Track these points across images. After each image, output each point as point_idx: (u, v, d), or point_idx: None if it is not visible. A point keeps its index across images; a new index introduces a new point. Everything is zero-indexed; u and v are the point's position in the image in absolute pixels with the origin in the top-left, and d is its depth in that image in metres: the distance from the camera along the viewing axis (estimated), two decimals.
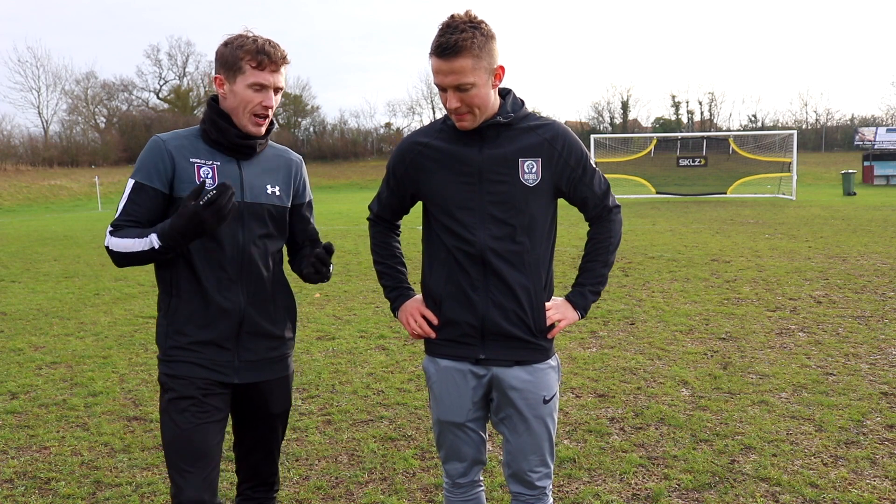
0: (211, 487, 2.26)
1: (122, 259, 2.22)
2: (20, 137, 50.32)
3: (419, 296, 2.42)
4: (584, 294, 2.39)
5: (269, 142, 2.44)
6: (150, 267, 2.35)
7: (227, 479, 3.64)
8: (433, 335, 2.34)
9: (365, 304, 8.06)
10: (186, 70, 62.92)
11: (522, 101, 2.29)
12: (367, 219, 2.54)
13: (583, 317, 2.40)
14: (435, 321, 2.33)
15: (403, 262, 2.51)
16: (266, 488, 2.60)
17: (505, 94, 2.26)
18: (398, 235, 2.54)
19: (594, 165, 2.34)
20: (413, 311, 2.37)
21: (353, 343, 6.35)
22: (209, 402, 2.28)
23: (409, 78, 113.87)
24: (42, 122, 55.09)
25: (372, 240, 2.53)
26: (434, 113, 62.02)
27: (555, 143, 2.23)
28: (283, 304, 2.45)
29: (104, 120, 58.23)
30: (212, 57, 2.31)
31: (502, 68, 2.17)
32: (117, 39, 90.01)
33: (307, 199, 2.54)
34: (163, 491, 3.52)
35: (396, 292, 2.45)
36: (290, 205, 2.45)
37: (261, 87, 2.23)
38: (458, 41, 2.03)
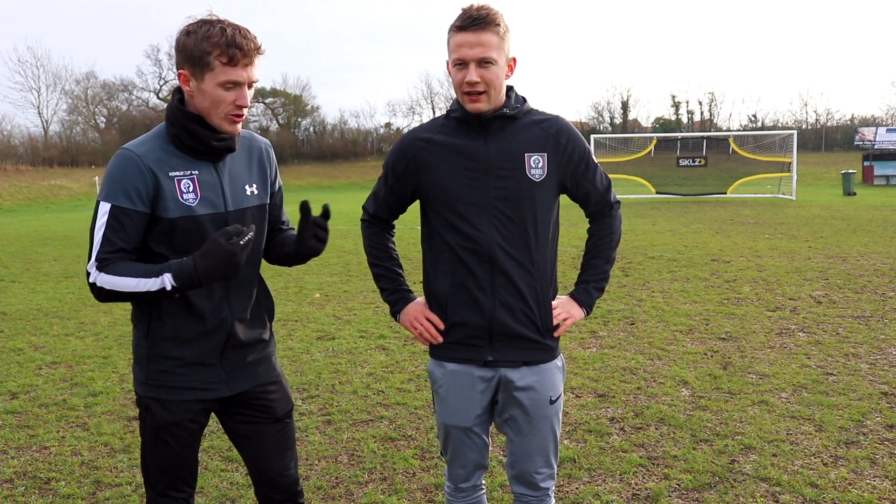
0: None
1: (114, 297, 2.01)
2: (20, 137, 50.38)
3: (421, 299, 2.38)
4: (588, 291, 2.38)
5: None
6: None
7: (227, 480, 3.64)
8: (440, 340, 2.30)
9: (365, 304, 8.06)
10: None
11: (524, 98, 2.30)
12: (362, 219, 2.48)
13: (588, 314, 2.39)
14: (441, 325, 2.29)
15: (400, 263, 2.46)
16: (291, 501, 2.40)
17: (507, 90, 2.26)
18: (393, 236, 2.49)
19: (595, 161, 2.34)
20: (417, 316, 2.32)
21: (353, 343, 6.35)
22: (195, 426, 2.20)
23: (409, 78, 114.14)
24: (42, 122, 55.12)
25: (366, 241, 2.45)
26: (434, 112, 62.01)
27: (559, 137, 2.24)
28: (264, 307, 2.31)
29: (104, 120, 58.26)
30: None
31: (515, 60, 2.21)
32: (117, 39, 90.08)
33: (278, 187, 2.32)
34: None
35: (396, 295, 2.40)
36: (269, 199, 2.25)
37: (234, 85, 1.99)
38: (489, 15, 2.10)
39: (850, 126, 51.75)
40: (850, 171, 28.28)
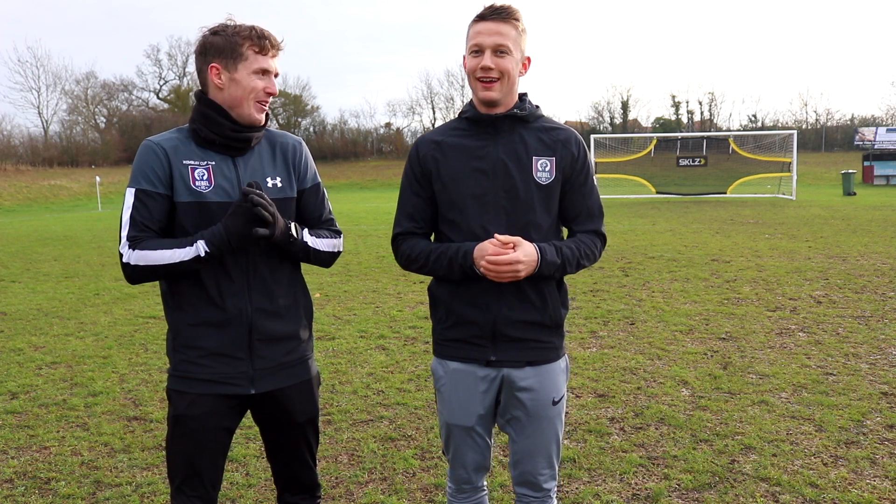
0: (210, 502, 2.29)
1: (147, 273, 2.10)
2: (20, 137, 50.39)
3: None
4: (555, 247, 2.18)
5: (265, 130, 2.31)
6: None
7: (227, 479, 3.64)
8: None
9: (365, 304, 8.06)
10: (186, 70, 62.90)
11: (538, 106, 2.32)
12: (392, 242, 2.38)
13: (539, 269, 2.13)
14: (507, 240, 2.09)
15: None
16: (307, 495, 2.49)
17: (522, 95, 2.29)
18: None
19: (596, 184, 2.34)
20: (484, 246, 2.10)
21: (353, 343, 6.35)
22: (215, 421, 2.21)
23: (410, 78, 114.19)
24: (42, 122, 55.17)
25: (408, 252, 2.29)
26: (434, 112, 62.03)
27: (569, 144, 2.25)
28: (298, 304, 2.33)
29: (104, 120, 58.24)
30: None
31: (529, 60, 2.24)
32: (117, 39, 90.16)
33: (311, 184, 2.35)
34: (163, 491, 3.52)
35: (462, 248, 2.18)
36: (295, 193, 2.30)
37: (264, 73, 2.16)
38: (510, 9, 2.16)
39: (850, 126, 51.75)
40: (850, 171, 28.29)
